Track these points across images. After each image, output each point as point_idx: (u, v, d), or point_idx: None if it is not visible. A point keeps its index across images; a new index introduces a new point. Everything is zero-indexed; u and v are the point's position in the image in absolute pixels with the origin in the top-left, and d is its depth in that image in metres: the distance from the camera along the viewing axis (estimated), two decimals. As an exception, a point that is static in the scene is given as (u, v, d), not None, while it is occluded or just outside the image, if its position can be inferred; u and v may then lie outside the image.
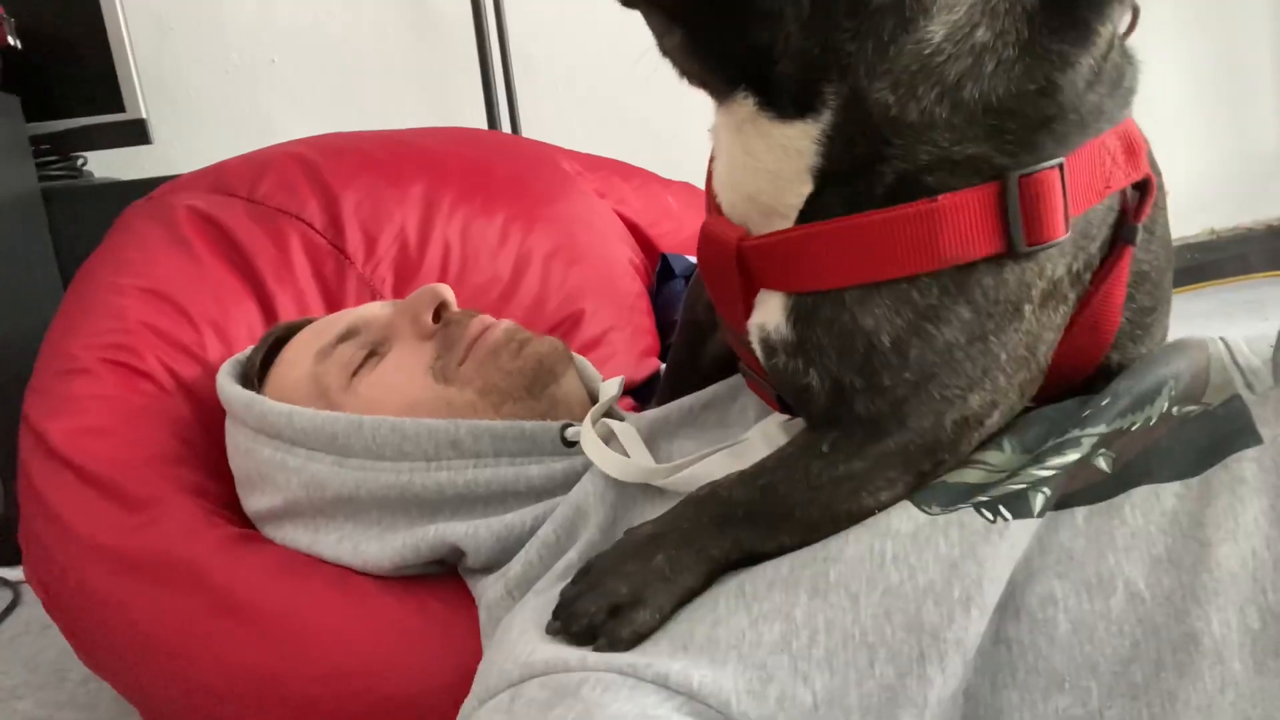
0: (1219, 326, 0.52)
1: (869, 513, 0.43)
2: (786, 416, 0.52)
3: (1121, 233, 0.42)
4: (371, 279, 0.88)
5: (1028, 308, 0.40)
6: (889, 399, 0.41)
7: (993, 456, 0.44)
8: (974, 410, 0.41)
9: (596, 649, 0.42)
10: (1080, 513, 0.41)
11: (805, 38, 0.35)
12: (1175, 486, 0.41)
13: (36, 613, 1.04)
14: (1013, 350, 0.40)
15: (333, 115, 1.59)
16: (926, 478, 0.43)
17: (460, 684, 0.58)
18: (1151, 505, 0.40)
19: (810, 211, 0.40)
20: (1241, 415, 0.42)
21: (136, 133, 1.32)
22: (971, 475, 0.44)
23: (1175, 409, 0.44)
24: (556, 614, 0.44)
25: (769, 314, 0.43)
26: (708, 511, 0.45)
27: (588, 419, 0.58)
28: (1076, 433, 0.44)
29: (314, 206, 0.89)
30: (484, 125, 1.54)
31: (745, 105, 0.39)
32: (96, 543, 0.67)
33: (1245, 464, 0.40)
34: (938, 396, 0.40)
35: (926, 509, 0.42)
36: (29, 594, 1.09)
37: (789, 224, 0.41)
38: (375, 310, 0.69)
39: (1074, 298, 0.42)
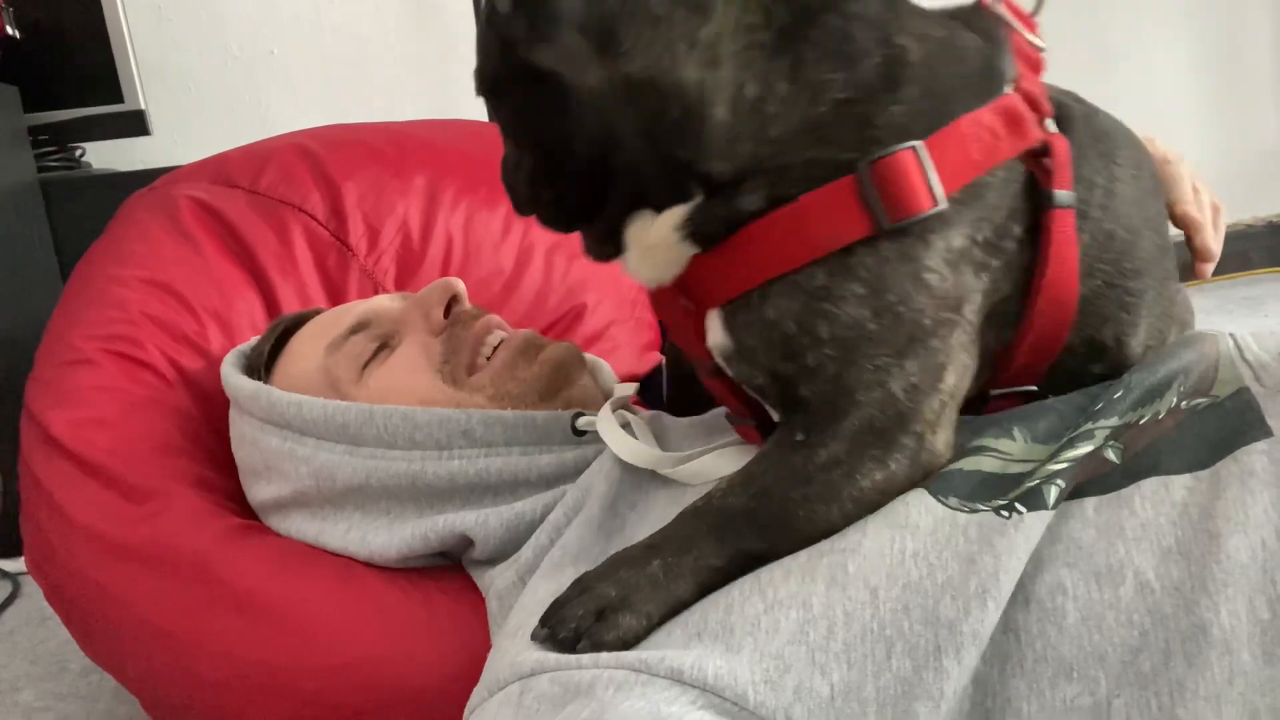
0: (1219, 322, 0.52)
1: (875, 496, 0.43)
2: None
3: (1041, 200, 0.44)
4: (374, 271, 0.88)
5: (930, 276, 0.42)
6: (825, 377, 0.43)
7: (1005, 445, 0.45)
8: (918, 375, 0.42)
9: (579, 653, 0.41)
10: (1090, 503, 0.41)
11: (655, 166, 0.43)
12: (1185, 479, 0.41)
13: (36, 604, 1.04)
14: (934, 314, 0.42)
15: (332, 106, 1.58)
16: (915, 454, 0.43)
17: (465, 676, 0.58)
18: (1161, 497, 0.40)
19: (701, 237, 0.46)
20: (1251, 408, 0.43)
21: (135, 124, 1.32)
22: (987, 464, 0.44)
23: (1184, 402, 0.44)
24: (544, 620, 0.43)
25: (714, 331, 0.47)
26: (705, 521, 0.44)
27: (606, 407, 0.58)
28: (1089, 425, 0.44)
29: (316, 198, 0.88)
30: (484, 117, 1.53)
31: (637, 218, 0.46)
32: (99, 533, 0.67)
33: (1255, 457, 0.40)
34: (870, 367, 0.42)
35: (943, 500, 0.42)
36: (28, 585, 1.09)
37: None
38: (386, 303, 0.69)
39: (999, 263, 0.44)
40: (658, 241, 0.46)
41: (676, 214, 0.44)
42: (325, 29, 1.60)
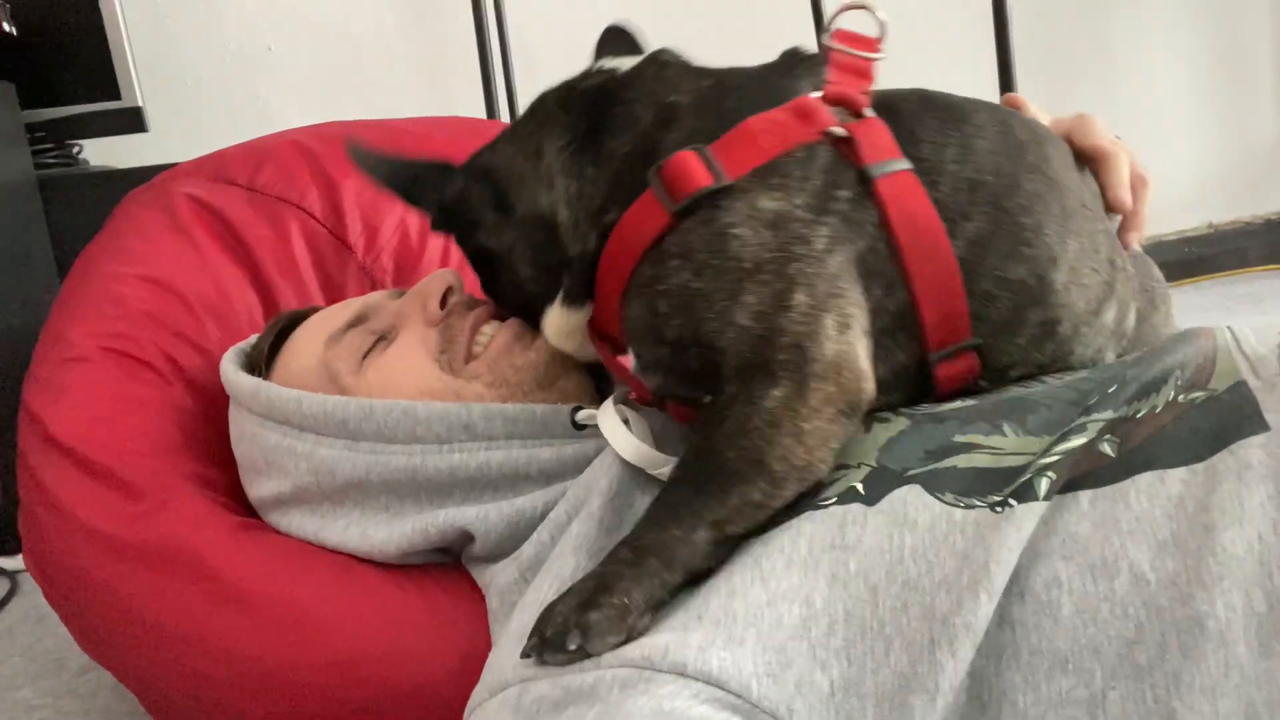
0: (1217, 320, 0.52)
1: (787, 415, 0.45)
2: None
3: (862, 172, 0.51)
4: (372, 269, 0.88)
5: (737, 231, 0.48)
6: (687, 344, 0.49)
7: (996, 440, 0.45)
8: (759, 302, 0.47)
9: (569, 644, 0.40)
10: (1085, 496, 0.41)
11: (545, 280, 0.57)
12: (1181, 472, 0.41)
13: (34, 602, 1.04)
14: (754, 257, 0.48)
15: (330, 103, 1.58)
16: (801, 366, 0.46)
17: (464, 673, 0.58)
18: (1157, 490, 0.41)
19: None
20: (1248, 402, 0.42)
21: (133, 120, 1.31)
22: (980, 459, 0.44)
23: (1181, 396, 0.45)
24: (534, 630, 0.42)
25: (632, 358, 0.55)
26: (664, 501, 0.46)
27: (608, 402, 0.58)
28: (1083, 419, 0.45)
29: (314, 195, 0.88)
30: (483, 115, 1.53)
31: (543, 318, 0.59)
32: (97, 530, 0.67)
33: (1252, 450, 0.40)
34: (712, 315, 0.48)
35: (939, 496, 0.42)
36: (26, 583, 1.09)
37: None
38: (384, 298, 0.69)
39: (836, 219, 0.49)
40: (554, 320, 0.58)
41: (559, 298, 0.57)
42: (323, 26, 1.60)
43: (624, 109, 0.54)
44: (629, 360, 0.55)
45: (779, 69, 0.56)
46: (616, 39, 0.64)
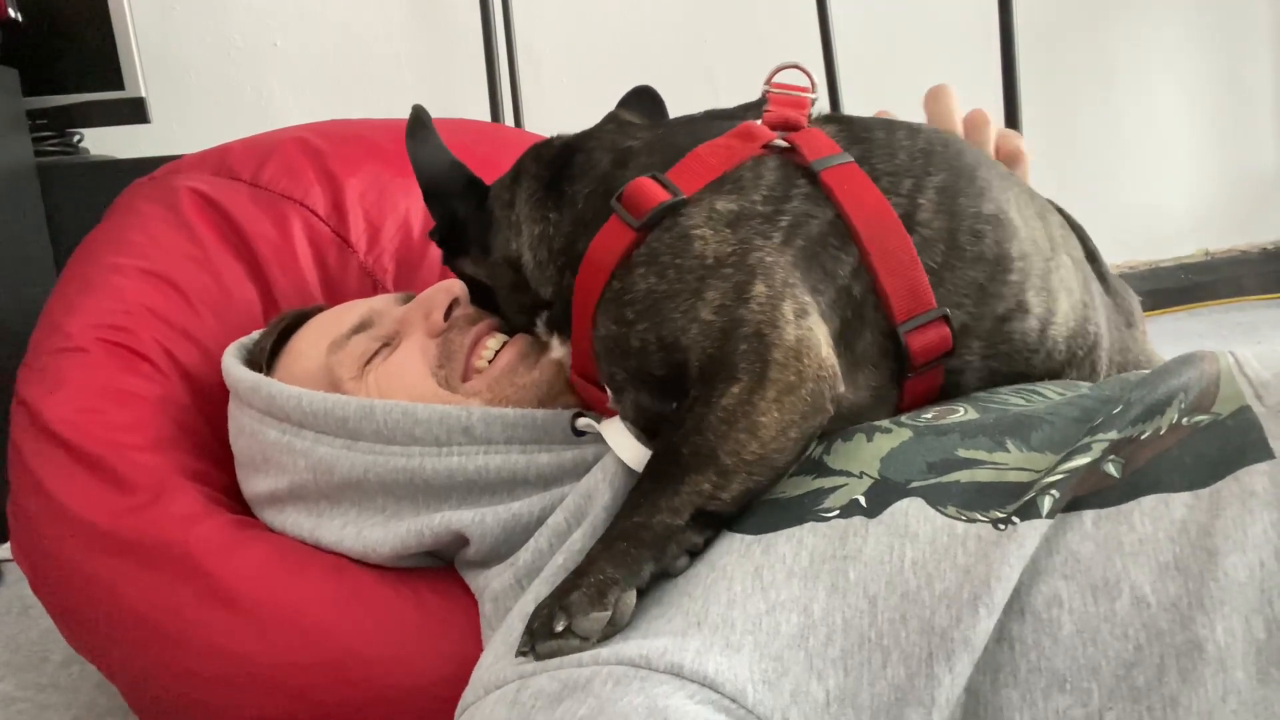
0: (1212, 347, 0.53)
1: (744, 410, 0.46)
2: None
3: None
4: (374, 268, 0.87)
5: (697, 231, 0.51)
6: (654, 348, 0.50)
7: (1000, 456, 0.45)
8: (721, 297, 0.49)
9: (556, 629, 0.41)
10: (1089, 516, 0.41)
11: (527, 314, 0.63)
12: (1185, 496, 0.41)
13: (18, 592, 1.03)
14: (715, 253, 0.50)
15: (334, 102, 1.58)
16: (762, 352, 0.47)
17: (457, 677, 0.58)
18: (1161, 514, 0.41)
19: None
20: (1253, 428, 0.43)
21: (135, 111, 1.31)
22: (982, 474, 0.44)
23: (1185, 419, 0.45)
24: (525, 629, 0.44)
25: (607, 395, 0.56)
26: (628, 498, 0.48)
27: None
28: (1087, 439, 0.45)
29: (318, 193, 0.88)
30: (487, 118, 1.53)
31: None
32: (87, 522, 0.66)
33: (1256, 477, 0.40)
34: (678, 314, 0.49)
35: (941, 509, 0.42)
36: (11, 574, 1.07)
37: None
38: (388, 303, 0.69)
39: (796, 203, 0.52)
40: (557, 348, 0.61)
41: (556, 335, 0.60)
42: (329, 23, 1.60)
43: (584, 156, 0.58)
44: (606, 396, 0.56)
45: (724, 113, 0.61)
46: (640, 100, 0.68)
